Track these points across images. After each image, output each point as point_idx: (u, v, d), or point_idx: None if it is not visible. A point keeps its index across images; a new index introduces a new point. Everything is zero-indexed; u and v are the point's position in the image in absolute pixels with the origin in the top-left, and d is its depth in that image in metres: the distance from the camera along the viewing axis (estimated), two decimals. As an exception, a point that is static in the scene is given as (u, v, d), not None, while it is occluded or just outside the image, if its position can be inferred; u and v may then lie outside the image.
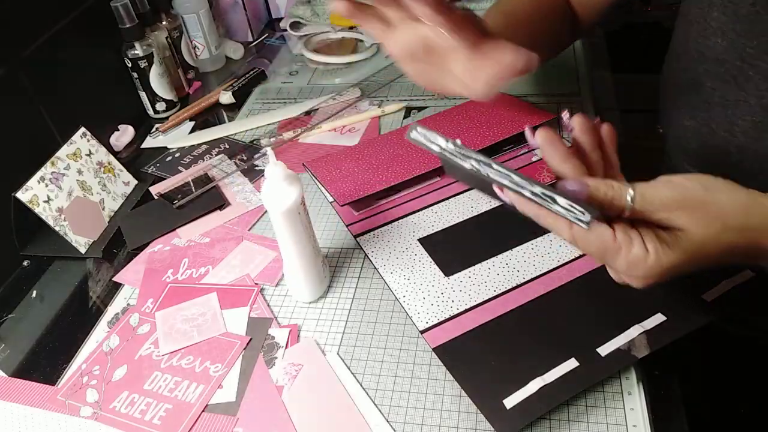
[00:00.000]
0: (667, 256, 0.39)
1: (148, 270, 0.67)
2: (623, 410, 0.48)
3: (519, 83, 0.88)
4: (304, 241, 0.56)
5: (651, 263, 0.38)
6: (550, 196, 0.38)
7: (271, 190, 0.54)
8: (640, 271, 0.39)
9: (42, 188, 0.69)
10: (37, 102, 0.76)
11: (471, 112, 0.79)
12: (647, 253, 0.38)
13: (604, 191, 0.39)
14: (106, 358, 0.58)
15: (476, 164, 0.40)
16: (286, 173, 0.53)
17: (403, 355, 0.54)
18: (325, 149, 0.81)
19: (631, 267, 0.39)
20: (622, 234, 0.39)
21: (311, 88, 0.97)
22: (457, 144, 0.41)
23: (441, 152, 0.41)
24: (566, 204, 0.38)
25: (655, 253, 0.38)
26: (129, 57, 0.89)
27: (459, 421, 0.49)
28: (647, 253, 0.38)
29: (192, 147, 0.88)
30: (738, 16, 0.54)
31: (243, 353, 0.56)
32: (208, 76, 1.07)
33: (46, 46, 0.78)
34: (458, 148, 0.40)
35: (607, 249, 0.39)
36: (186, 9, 0.99)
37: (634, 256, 0.38)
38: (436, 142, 0.41)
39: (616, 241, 0.38)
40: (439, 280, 0.59)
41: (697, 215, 0.39)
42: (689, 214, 0.39)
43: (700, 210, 0.39)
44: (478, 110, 0.79)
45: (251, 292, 0.62)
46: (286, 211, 0.53)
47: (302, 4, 1.16)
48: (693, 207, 0.39)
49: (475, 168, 0.40)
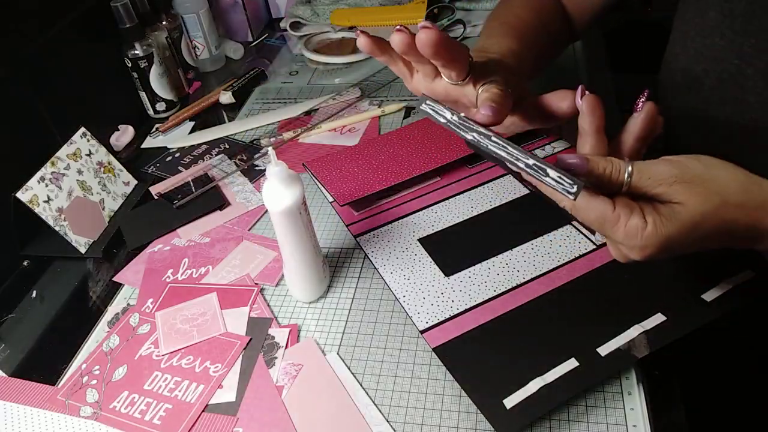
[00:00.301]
0: (665, 227, 0.39)
1: (148, 270, 0.67)
2: (623, 410, 0.48)
3: (519, 83, 0.88)
4: (304, 242, 0.56)
5: (649, 232, 0.39)
6: (541, 168, 0.40)
7: (272, 190, 0.53)
8: (639, 241, 0.39)
9: (42, 188, 0.69)
10: (37, 102, 0.76)
11: (471, 112, 0.79)
12: (645, 223, 0.39)
13: (603, 166, 0.40)
14: (106, 358, 0.58)
15: (477, 136, 0.43)
16: (287, 173, 0.53)
17: (403, 355, 0.54)
18: (325, 149, 0.81)
19: (629, 236, 0.39)
20: (621, 205, 0.39)
21: (311, 88, 0.97)
22: (461, 116, 0.44)
23: (447, 123, 0.44)
24: (556, 176, 0.39)
25: (653, 224, 0.39)
26: (129, 57, 0.89)
27: (459, 421, 0.49)
28: (645, 223, 0.39)
29: (192, 147, 0.88)
30: (734, 14, 0.54)
31: (243, 353, 0.56)
32: (208, 76, 1.07)
33: (46, 46, 0.78)
34: (462, 121, 0.44)
35: (606, 219, 0.39)
36: (186, 9, 1.00)
37: (632, 226, 0.39)
38: (444, 115, 0.45)
39: (615, 210, 0.39)
40: (439, 280, 0.59)
41: (697, 190, 0.39)
42: (688, 189, 0.39)
43: (699, 185, 0.39)
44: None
45: (251, 292, 0.62)
46: (287, 211, 0.53)
47: (302, 4, 1.16)
48: (691, 181, 0.39)
49: (476, 139, 0.43)
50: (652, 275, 0.55)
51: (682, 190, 0.39)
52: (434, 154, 0.72)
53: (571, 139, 0.75)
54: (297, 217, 0.54)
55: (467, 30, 1.04)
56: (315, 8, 1.14)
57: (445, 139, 0.75)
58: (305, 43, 1.08)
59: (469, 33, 1.04)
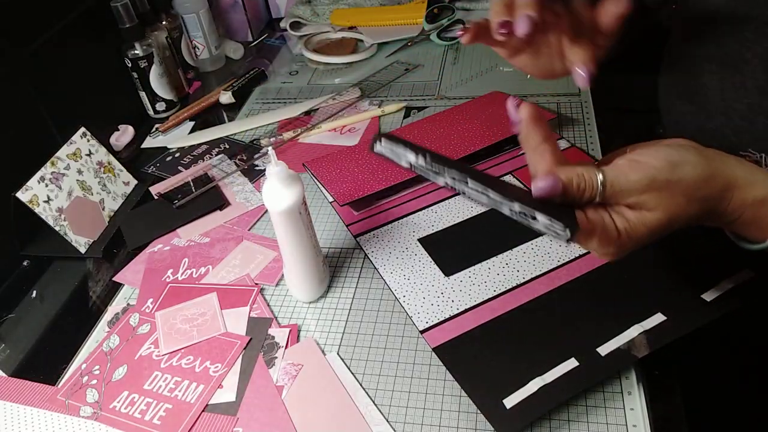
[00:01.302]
0: (636, 232, 0.41)
1: (147, 270, 0.67)
2: (623, 410, 0.48)
3: (519, 83, 0.88)
4: (304, 241, 0.56)
5: (622, 241, 0.41)
6: (529, 214, 0.37)
7: (272, 189, 0.53)
8: (612, 248, 0.42)
9: (42, 188, 0.69)
10: (37, 102, 0.76)
11: (471, 111, 0.79)
12: (617, 232, 0.41)
13: (576, 183, 0.40)
14: (106, 358, 0.58)
15: (451, 181, 0.37)
16: (287, 173, 0.53)
17: (403, 355, 0.54)
18: (325, 149, 0.81)
19: (602, 245, 0.41)
20: (593, 215, 0.41)
21: (311, 88, 0.97)
22: (428, 159, 0.36)
23: (412, 167, 0.37)
24: (546, 222, 0.37)
25: (625, 232, 0.41)
26: (129, 57, 0.89)
27: (459, 421, 0.49)
28: (618, 232, 0.41)
29: (192, 147, 0.88)
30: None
31: (243, 353, 0.56)
32: (208, 76, 1.07)
33: (46, 46, 0.78)
34: (429, 165, 0.36)
35: (581, 231, 0.40)
36: (186, 9, 1.00)
37: (605, 237, 0.41)
38: (406, 157, 0.36)
39: (589, 222, 0.40)
40: (439, 280, 0.59)
41: (664, 195, 0.40)
42: (656, 196, 0.40)
43: (666, 190, 0.40)
44: (478, 110, 0.79)
45: (251, 292, 0.62)
46: (287, 211, 0.53)
47: (302, 4, 1.16)
48: (659, 188, 0.40)
49: (449, 185, 0.37)
50: (652, 275, 0.55)
51: (652, 198, 0.40)
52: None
53: (572, 139, 0.75)
54: (297, 217, 0.54)
55: (467, 30, 1.04)
56: (315, 8, 1.14)
57: (445, 139, 0.75)
58: (305, 43, 1.08)
59: (469, 33, 1.04)
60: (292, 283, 0.61)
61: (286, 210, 0.53)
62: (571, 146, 0.73)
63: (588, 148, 0.73)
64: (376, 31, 1.08)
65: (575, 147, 0.73)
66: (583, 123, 0.78)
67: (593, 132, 0.76)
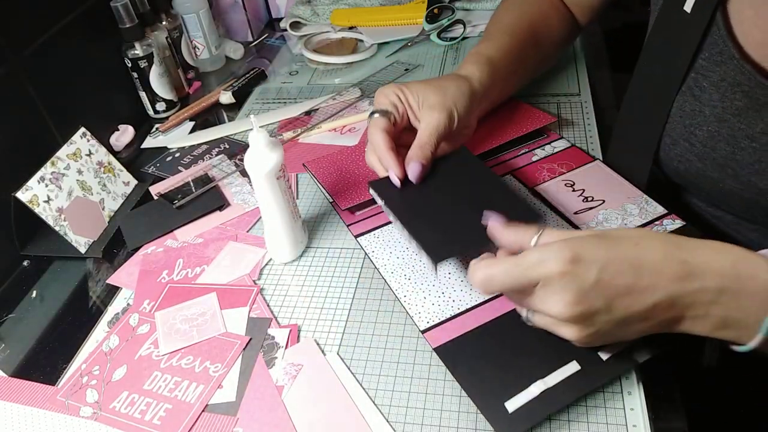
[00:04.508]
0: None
1: (142, 272, 0.67)
2: (623, 410, 0.48)
3: (519, 83, 0.88)
4: (282, 204, 0.60)
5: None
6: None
7: (254, 155, 0.58)
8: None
9: (42, 188, 0.69)
10: (37, 102, 0.76)
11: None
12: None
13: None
14: (106, 358, 0.58)
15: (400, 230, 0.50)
16: (267, 140, 0.57)
17: (403, 355, 0.54)
18: (325, 149, 0.81)
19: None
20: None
21: (311, 88, 0.97)
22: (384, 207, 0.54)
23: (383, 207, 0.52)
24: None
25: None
26: (129, 57, 0.89)
27: (459, 421, 0.49)
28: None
29: (192, 147, 0.88)
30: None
31: (243, 353, 0.56)
32: (208, 76, 1.07)
33: (46, 46, 0.78)
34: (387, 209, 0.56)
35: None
36: (186, 9, 1.00)
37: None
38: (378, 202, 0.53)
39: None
40: (440, 280, 0.59)
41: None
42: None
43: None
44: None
45: (251, 292, 0.62)
46: (268, 174, 0.57)
47: (302, 4, 1.16)
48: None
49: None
50: None
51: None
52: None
53: (572, 139, 0.75)
54: (276, 181, 0.58)
55: (467, 30, 1.04)
56: (315, 8, 1.14)
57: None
58: (305, 43, 1.08)
59: (469, 33, 1.04)
60: (271, 244, 0.65)
61: (268, 173, 0.57)
62: (571, 146, 0.73)
63: (588, 148, 0.73)
64: (376, 31, 1.08)
65: (575, 147, 0.73)
66: (583, 123, 0.78)
67: (593, 132, 0.77)
